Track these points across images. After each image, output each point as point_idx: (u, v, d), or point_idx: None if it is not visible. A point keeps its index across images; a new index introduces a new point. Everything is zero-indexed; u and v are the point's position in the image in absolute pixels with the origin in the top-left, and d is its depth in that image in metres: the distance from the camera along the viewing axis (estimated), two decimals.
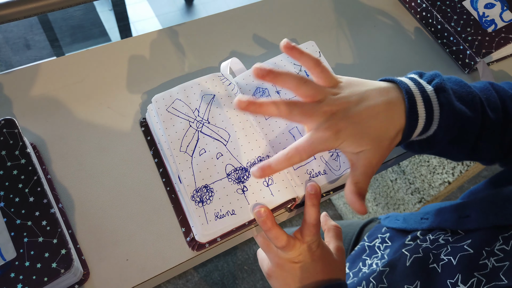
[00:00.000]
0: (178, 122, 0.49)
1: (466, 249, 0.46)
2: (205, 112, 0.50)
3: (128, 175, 0.50)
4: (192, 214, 0.44)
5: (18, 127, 0.46)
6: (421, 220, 0.59)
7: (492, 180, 0.59)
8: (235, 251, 1.51)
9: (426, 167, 1.15)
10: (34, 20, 1.75)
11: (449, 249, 0.49)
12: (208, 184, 0.46)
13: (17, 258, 0.39)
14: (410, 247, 0.56)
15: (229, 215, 0.44)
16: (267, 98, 0.43)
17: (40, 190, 0.43)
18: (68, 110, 0.54)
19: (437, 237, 0.53)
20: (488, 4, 0.66)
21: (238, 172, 0.46)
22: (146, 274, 0.46)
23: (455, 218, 0.52)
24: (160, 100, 0.50)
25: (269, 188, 0.46)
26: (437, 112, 0.43)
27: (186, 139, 0.48)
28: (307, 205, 0.46)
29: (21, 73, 0.56)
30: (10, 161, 0.44)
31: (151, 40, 0.62)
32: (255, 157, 0.47)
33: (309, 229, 0.46)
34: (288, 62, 0.55)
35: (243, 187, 0.46)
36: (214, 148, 0.47)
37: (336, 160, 0.49)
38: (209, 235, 0.44)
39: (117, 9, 1.62)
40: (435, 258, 0.49)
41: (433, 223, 0.56)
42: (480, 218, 0.48)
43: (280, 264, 0.48)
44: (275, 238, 0.45)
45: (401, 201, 1.30)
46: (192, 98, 0.50)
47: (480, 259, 0.44)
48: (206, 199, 0.45)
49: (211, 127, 0.49)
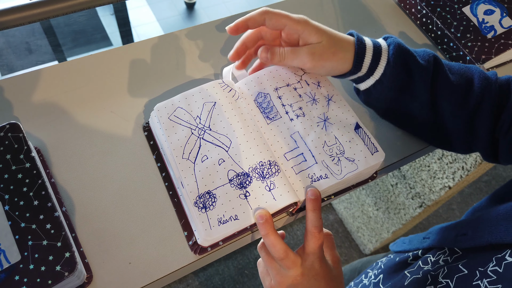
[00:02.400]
0: (180, 130, 0.49)
1: (461, 269, 0.46)
2: (206, 119, 0.50)
3: (130, 179, 0.51)
4: (195, 220, 0.45)
5: (23, 131, 0.46)
6: (423, 239, 0.59)
7: (495, 195, 0.58)
8: (235, 255, 1.51)
9: (426, 171, 1.15)
10: (37, 25, 1.76)
11: (445, 271, 0.48)
12: (210, 190, 0.46)
13: (22, 261, 0.40)
14: (412, 269, 0.55)
15: (232, 220, 0.45)
16: None
17: (45, 193, 0.43)
18: (71, 115, 0.55)
19: (437, 259, 0.53)
20: (488, 10, 0.67)
21: (240, 178, 0.47)
22: (149, 278, 0.46)
23: (452, 236, 0.52)
24: (162, 109, 0.50)
25: (271, 193, 0.46)
26: (384, 45, 0.51)
27: (188, 146, 0.48)
28: (307, 210, 0.46)
29: (24, 77, 0.57)
30: (15, 165, 0.44)
31: (152, 45, 0.63)
32: (256, 162, 0.48)
33: (311, 235, 0.45)
34: (289, 71, 0.55)
35: (245, 192, 0.46)
36: (216, 155, 0.48)
37: (338, 165, 0.49)
38: (212, 240, 0.44)
39: (119, 14, 1.64)
40: (433, 280, 0.49)
41: (433, 241, 0.56)
42: (475, 236, 0.47)
43: (283, 282, 0.46)
44: (272, 246, 0.44)
45: (401, 206, 1.30)
46: (194, 105, 0.51)
47: (473, 280, 0.43)
48: (209, 205, 0.45)
49: (213, 133, 0.49)
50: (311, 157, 0.50)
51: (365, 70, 0.51)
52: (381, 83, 0.51)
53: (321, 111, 0.53)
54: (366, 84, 0.53)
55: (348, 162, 0.49)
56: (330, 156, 0.50)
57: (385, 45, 0.51)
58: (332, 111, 0.53)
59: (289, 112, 0.53)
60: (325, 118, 0.53)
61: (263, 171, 0.47)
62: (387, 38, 0.52)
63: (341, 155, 0.50)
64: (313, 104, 0.53)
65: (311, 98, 0.54)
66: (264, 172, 0.47)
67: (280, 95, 0.54)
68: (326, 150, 0.50)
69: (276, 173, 0.47)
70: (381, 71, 0.50)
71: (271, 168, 0.48)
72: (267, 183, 0.47)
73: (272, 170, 0.48)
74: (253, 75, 0.55)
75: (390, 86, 0.51)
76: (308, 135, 0.51)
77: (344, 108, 0.53)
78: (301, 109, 0.53)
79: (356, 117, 0.53)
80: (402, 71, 0.50)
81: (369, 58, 0.50)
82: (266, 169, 0.47)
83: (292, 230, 1.61)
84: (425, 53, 0.52)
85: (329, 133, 0.51)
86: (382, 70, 0.50)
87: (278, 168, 0.48)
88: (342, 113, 0.53)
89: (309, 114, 0.53)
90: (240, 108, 0.51)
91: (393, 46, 0.50)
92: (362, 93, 0.55)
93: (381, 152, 0.50)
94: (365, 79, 0.52)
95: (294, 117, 0.52)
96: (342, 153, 0.50)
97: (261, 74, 0.55)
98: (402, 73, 0.50)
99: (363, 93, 0.55)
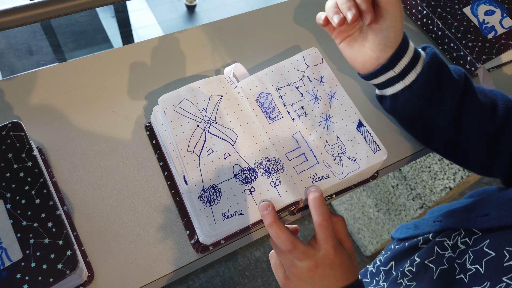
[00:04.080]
0: (186, 122, 0.49)
1: (487, 252, 0.45)
2: (212, 112, 0.50)
3: (132, 178, 0.51)
4: (200, 214, 0.45)
5: (25, 130, 0.46)
6: (434, 223, 0.59)
7: (506, 181, 0.58)
8: (236, 256, 1.51)
9: (427, 172, 1.15)
10: (37, 27, 1.76)
11: (472, 257, 0.47)
12: (215, 184, 0.46)
13: (23, 259, 0.40)
14: (432, 258, 0.55)
15: (236, 215, 0.45)
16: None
17: (46, 192, 0.43)
18: (73, 115, 0.55)
19: (455, 242, 0.52)
20: (488, 11, 0.67)
21: (245, 173, 0.47)
22: (150, 276, 0.46)
23: (472, 217, 0.51)
24: (168, 100, 0.50)
25: (277, 189, 0.46)
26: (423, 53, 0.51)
27: (194, 139, 0.48)
28: (310, 203, 0.45)
29: (25, 78, 0.57)
30: (16, 164, 0.44)
31: (153, 46, 0.63)
32: (262, 158, 0.48)
33: (320, 225, 0.44)
34: (292, 68, 0.55)
35: (250, 188, 0.46)
36: (221, 148, 0.48)
37: (339, 164, 0.49)
38: (214, 236, 0.44)
39: (120, 15, 1.64)
40: (461, 269, 0.48)
41: (447, 223, 0.56)
42: (501, 216, 0.47)
43: (297, 274, 0.45)
44: (277, 236, 0.43)
45: (402, 207, 1.30)
46: (200, 98, 0.51)
47: (504, 261, 0.43)
48: (213, 199, 0.45)
49: (219, 127, 0.49)
50: (312, 157, 0.50)
51: (398, 71, 0.51)
52: (410, 90, 0.51)
53: (323, 110, 0.53)
54: (394, 88, 0.53)
55: (349, 162, 0.49)
56: (331, 155, 0.50)
57: (423, 54, 0.52)
58: (334, 109, 0.53)
59: (291, 112, 0.53)
60: (327, 117, 0.52)
61: (268, 167, 0.47)
62: (426, 48, 0.53)
63: (342, 154, 0.50)
64: (315, 102, 0.53)
65: (313, 97, 0.54)
66: (269, 168, 0.47)
67: (282, 95, 0.54)
68: (327, 150, 0.50)
69: (282, 169, 0.47)
70: (413, 77, 0.51)
71: (276, 165, 0.48)
72: (272, 179, 0.47)
73: (278, 167, 0.48)
74: (254, 75, 0.55)
75: (419, 94, 0.51)
76: (309, 135, 0.51)
77: (347, 105, 0.53)
78: (302, 108, 0.53)
79: (359, 114, 0.52)
80: (434, 80, 0.51)
81: (407, 60, 0.51)
82: (272, 165, 0.47)
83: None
84: (456, 69, 0.53)
85: (331, 132, 0.51)
86: (414, 76, 0.51)
87: (283, 166, 0.48)
88: (345, 111, 0.53)
89: (311, 114, 0.53)
90: (245, 105, 0.51)
91: (430, 56, 0.51)
92: (388, 98, 0.55)
93: (384, 150, 0.50)
94: (395, 83, 0.52)
95: (296, 116, 0.52)
96: (344, 153, 0.50)
97: (262, 74, 0.55)
98: (433, 82, 0.51)
99: (390, 98, 0.54)
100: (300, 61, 0.56)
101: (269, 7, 0.70)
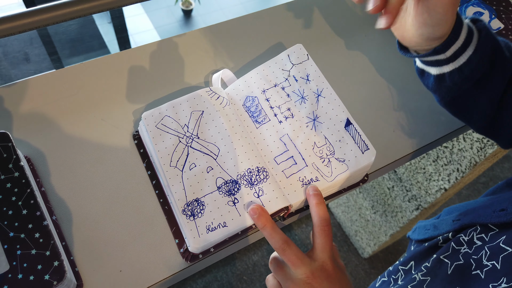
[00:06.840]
0: (168, 138, 0.49)
1: (504, 248, 0.44)
2: (194, 127, 0.50)
3: (121, 187, 0.51)
4: (184, 227, 0.45)
5: (12, 141, 0.46)
6: (453, 222, 0.57)
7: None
8: (234, 261, 1.51)
9: (422, 174, 1.15)
10: (34, 34, 1.76)
11: (488, 253, 0.46)
12: (199, 197, 0.46)
13: (10, 271, 0.39)
14: (448, 253, 0.53)
15: (220, 227, 0.45)
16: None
17: (34, 202, 0.43)
18: (62, 123, 0.55)
19: (471, 238, 0.51)
20: (477, 12, 0.67)
21: (228, 185, 0.47)
22: (140, 285, 0.46)
23: (489, 212, 0.50)
24: (149, 117, 0.51)
25: (260, 199, 0.46)
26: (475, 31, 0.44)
27: (176, 154, 0.48)
28: (312, 205, 0.45)
29: (14, 86, 0.57)
30: (3, 174, 0.44)
31: (146, 52, 0.63)
32: (245, 170, 0.48)
33: (320, 229, 0.43)
34: (277, 68, 0.55)
35: (234, 199, 0.46)
36: (204, 163, 0.48)
37: (328, 167, 0.49)
38: (201, 248, 0.44)
39: (116, 21, 1.65)
40: (477, 265, 0.47)
41: (465, 221, 0.54)
42: None
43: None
44: (271, 237, 0.42)
45: (398, 209, 1.30)
46: (181, 114, 0.51)
47: None
48: (197, 213, 0.45)
49: (201, 142, 0.49)
50: (301, 159, 0.50)
51: (449, 54, 0.45)
52: (460, 72, 0.46)
53: (310, 110, 0.53)
54: (441, 69, 0.47)
55: (338, 163, 0.49)
56: (320, 157, 0.50)
57: (476, 32, 0.45)
58: (321, 108, 0.52)
59: (278, 114, 0.52)
60: (315, 117, 0.52)
61: (251, 178, 0.47)
62: (477, 22, 0.46)
63: (331, 156, 0.50)
64: (302, 102, 0.53)
65: (299, 96, 0.53)
66: (252, 179, 0.47)
67: (268, 97, 0.53)
68: (316, 152, 0.50)
69: (265, 179, 0.47)
70: (465, 59, 0.45)
71: (259, 175, 0.48)
72: (255, 190, 0.47)
73: (261, 177, 0.48)
74: (240, 79, 0.55)
75: (469, 77, 0.46)
76: (297, 137, 0.51)
77: (334, 103, 0.53)
78: (289, 110, 0.53)
79: (347, 112, 0.52)
80: (487, 63, 0.45)
81: (459, 44, 0.45)
82: (255, 176, 0.48)
83: (290, 235, 1.61)
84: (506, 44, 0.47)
85: (319, 133, 0.51)
86: (466, 58, 0.45)
87: (267, 174, 0.48)
88: (332, 109, 0.52)
89: (298, 115, 0.52)
90: (228, 115, 0.51)
91: (484, 34, 0.45)
92: (432, 77, 0.49)
93: (372, 150, 0.49)
94: (443, 64, 0.47)
95: (283, 119, 0.52)
96: (332, 154, 0.50)
97: (248, 77, 0.55)
98: (486, 65, 0.46)
99: (435, 79, 0.49)
100: (285, 60, 0.56)
101: (265, 11, 0.70)
